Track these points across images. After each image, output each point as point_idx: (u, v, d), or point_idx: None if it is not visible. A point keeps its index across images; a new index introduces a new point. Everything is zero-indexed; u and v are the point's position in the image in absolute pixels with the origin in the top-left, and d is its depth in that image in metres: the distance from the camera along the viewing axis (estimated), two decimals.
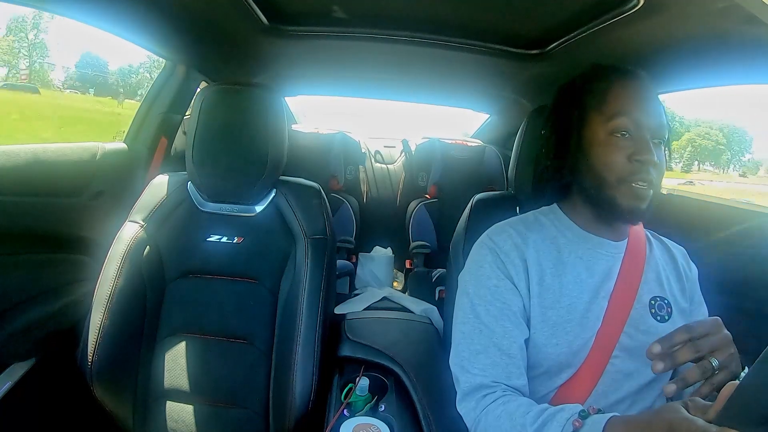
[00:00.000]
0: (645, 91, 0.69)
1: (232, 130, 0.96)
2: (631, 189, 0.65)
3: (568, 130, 0.72)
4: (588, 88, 0.72)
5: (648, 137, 0.66)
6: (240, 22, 1.13)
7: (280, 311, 0.96)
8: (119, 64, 2.18)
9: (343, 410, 0.83)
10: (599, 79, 0.71)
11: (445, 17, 1.13)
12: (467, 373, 0.67)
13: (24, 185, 0.97)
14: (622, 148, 0.66)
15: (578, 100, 0.72)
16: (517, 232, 0.73)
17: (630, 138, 0.66)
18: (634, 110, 0.66)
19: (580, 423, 0.53)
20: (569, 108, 0.73)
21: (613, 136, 0.67)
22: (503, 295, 0.69)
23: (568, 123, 0.72)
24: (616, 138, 0.66)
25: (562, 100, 0.75)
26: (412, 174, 2.51)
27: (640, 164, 0.65)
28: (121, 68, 7.83)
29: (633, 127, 0.66)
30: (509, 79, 1.53)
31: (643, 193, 0.65)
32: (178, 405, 0.95)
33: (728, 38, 0.78)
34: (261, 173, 0.96)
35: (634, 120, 0.66)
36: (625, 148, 0.66)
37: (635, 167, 0.65)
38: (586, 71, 0.74)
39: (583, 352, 0.67)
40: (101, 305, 0.91)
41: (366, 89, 2.12)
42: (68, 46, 4.39)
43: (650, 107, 0.68)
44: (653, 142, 0.66)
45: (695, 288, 0.78)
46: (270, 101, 0.98)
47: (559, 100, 0.76)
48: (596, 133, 0.68)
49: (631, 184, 0.65)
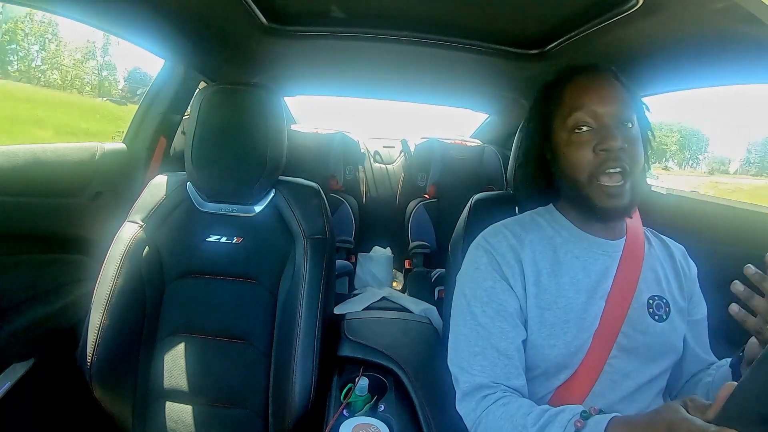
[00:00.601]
0: (600, 81, 0.68)
1: (232, 130, 0.96)
2: (601, 188, 0.65)
3: (536, 138, 0.74)
4: (546, 95, 0.73)
5: (611, 124, 0.65)
6: (239, 22, 1.13)
7: (280, 311, 0.96)
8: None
9: (342, 410, 0.83)
10: (556, 83, 0.72)
11: (445, 17, 1.13)
12: (467, 374, 0.67)
13: (24, 185, 0.97)
14: (586, 143, 0.66)
15: (541, 106, 0.74)
16: (512, 233, 0.73)
17: (591, 130, 0.66)
18: (590, 101, 0.66)
19: (582, 423, 0.53)
20: (534, 116, 0.75)
21: (574, 133, 0.67)
22: (499, 296, 0.69)
23: (535, 131, 0.74)
24: (577, 134, 0.67)
25: (532, 111, 0.77)
26: (411, 174, 2.51)
27: (606, 153, 0.64)
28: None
29: (591, 118, 0.66)
30: (508, 79, 1.53)
31: (615, 185, 0.65)
32: (177, 405, 0.95)
33: (727, 38, 0.78)
34: (260, 173, 0.97)
35: (591, 111, 0.66)
36: (589, 142, 0.66)
37: (601, 157, 0.65)
38: (548, 81, 0.75)
39: (580, 352, 0.67)
40: (101, 305, 0.91)
41: (365, 89, 2.12)
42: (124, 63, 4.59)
43: (606, 94, 0.67)
44: (618, 126, 0.65)
45: (694, 286, 0.78)
46: (269, 101, 0.98)
47: (530, 111, 0.78)
48: (559, 135, 0.69)
49: (601, 181, 0.65)
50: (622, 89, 0.69)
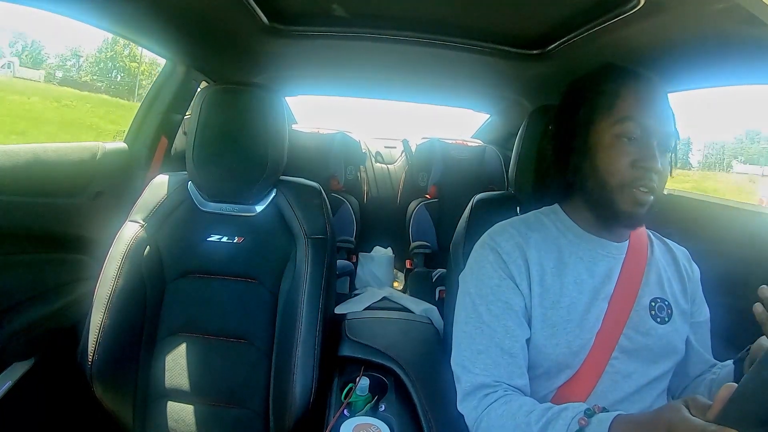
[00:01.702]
0: (656, 96, 0.67)
1: (233, 130, 0.96)
2: (632, 195, 0.65)
3: (574, 129, 0.71)
4: (598, 87, 0.70)
5: (654, 143, 0.65)
6: (240, 21, 1.13)
7: (280, 311, 0.96)
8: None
9: (343, 410, 0.83)
10: (610, 79, 0.69)
11: (446, 17, 1.13)
12: (469, 373, 0.67)
13: (24, 185, 0.96)
14: (627, 153, 0.65)
15: (587, 99, 0.71)
16: (518, 231, 0.73)
17: (636, 143, 0.65)
18: (643, 115, 0.65)
19: (585, 421, 0.53)
20: (577, 106, 0.72)
21: (619, 140, 0.66)
22: (505, 294, 0.69)
23: (575, 121, 0.71)
24: (622, 142, 0.65)
25: (571, 98, 0.74)
26: (412, 174, 2.51)
27: (644, 171, 0.64)
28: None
29: (640, 132, 0.65)
30: (510, 79, 1.53)
31: (644, 198, 0.65)
32: (178, 405, 0.95)
33: (728, 38, 0.78)
34: (261, 173, 0.97)
35: (642, 125, 0.65)
36: (630, 154, 0.65)
37: (638, 173, 0.64)
38: (597, 70, 0.73)
39: (582, 352, 0.67)
40: (101, 305, 0.91)
41: (366, 89, 2.12)
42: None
43: (660, 113, 0.66)
44: (659, 148, 0.65)
45: (697, 288, 0.77)
46: (270, 101, 0.98)
47: (568, 97, 0.75)
48: (602, 135, 0.67)
49: (633, 189, 0.65)
50: (670, 107, 0.68)
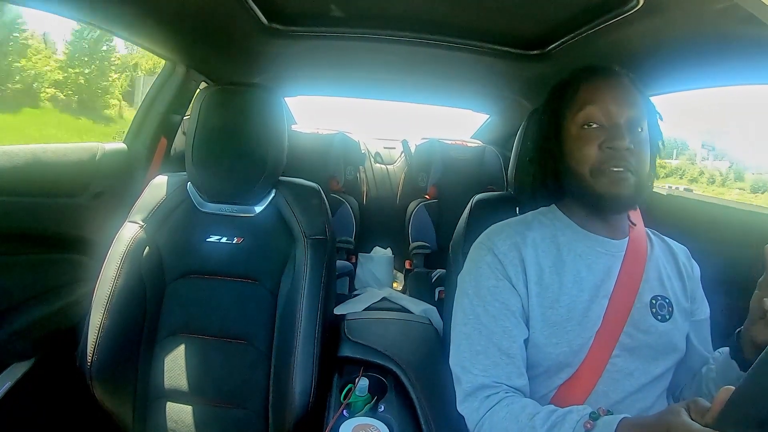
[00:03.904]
0: (615, 82, 0.69)
1: (232, 130, 0.96)
2: (605, 175, 0.66)
3: (547, 134, 0.74)
4: (561, 90, 0.73)
5: (621, 123, 0.66)
6: (240, 22, 1.13)
7: (280, 312, 0.96)
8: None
9: (342, 410, 0.83)
10: (571, 81, 0.73)
11: (446, 18, 1.13)
12: (469, 374, 0.67)
13: (24, 185, 0.97)
14: (593, 139, 0.67)
15: (554, 105, 0.74)
16: (516, 231, 0.74)
17: (601, 128, 0.67)
18: (603, 100, 0.67)
19: (591, 425, 0.53)
20: (546, 113, 0.75)
21: (584, 129, 0.68)
22: (502, 295, 0.69)
23: (546, 127, 0.74)
24: (586, 130, 0.67)
25: (542, 109, 0.78)
26: (411, 175, 2.51)
27: (612, 151, 0.65)
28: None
29: (603, 116, 0.67)
30: (509, 79, 1.53)
31: (619, 176, 0.65)
32: (177, 405, 0.95)
33: (728, 38, 0.78)
34: (260, 173, 0.97)
35: (604, 109, 0.67)
36: (596, 138, 0.66)
37: (606, 154, 0.66)
38: (562, 79, 0.76)
39: (583, 351, 0.67)
40: (101, 305, 0.91)
41: (366, 90, 2.12)
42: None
43: (621, 96, 0.68)
44: (629, 128, 0.66)
45: (697, 286, 0.78)
46: (270, 102, 0.98)
47: (540, 109, 0.79)
48: (569, 129, 0.70)
49: (605, 170, 0.66)
50: (637, 93, 0.70)
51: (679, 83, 1.05)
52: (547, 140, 0.74)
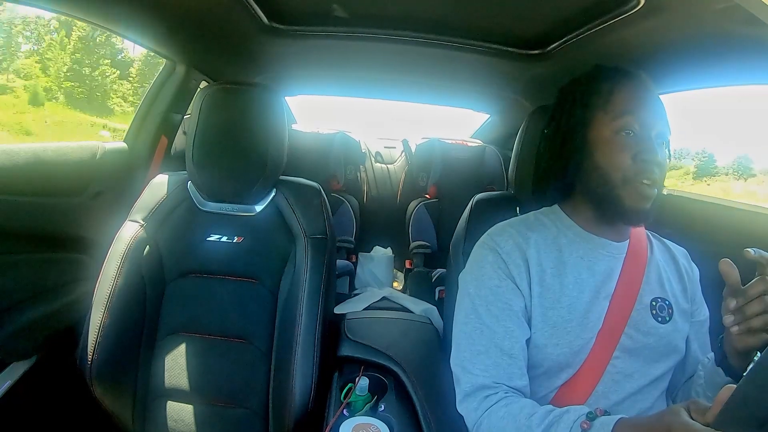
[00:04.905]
0: (648, 92, 0.69)
1: (233, 129, 0.96)
2: (636, 188, 0.66)
3: (572, 129, 0.72)
4: (593, 87, 0.72)
5: (652, 136, 0.66)
6: (240, 21, 1.13)
7: (280, 311, 0.96)
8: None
9: (342, 410, 0.83)
10: (604, 79, 0.71)
11: (446, 17, 1.13)
12: (469, 374, 0.67)
13: (24, 185, 0.97)
14: (628, 147, 0.66)
15: (583, 100, 0.72)
16: (518, 231, 0.73)
17: (635, 137, 0.67)
18: (640, 110, 0.67)
19: (588, 425, 0.53)
20: (573, 107, 0.73)
21: (619, 135, 0.67)
22: (504, 295, 0.69)
23: (572, 122, 0.72)
24: (622, 137, 0.67)
25: (566, 99, 0.75)
26: (412, 174, 2.51)
27: (645, 164, 0.65)
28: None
29: (638, 126, 0.67)
30: (510, 79, 1.53)
31: (648, 192, 0.66)
32: (177, 404, 0.95)
33: (728, 39, 0.78)
34: (261, 173, 0.96)
35: (640, 119, 0.67)
36: (630, 147, 0.66)
37: (640, 167, 0.65)
38: (590, 71, 0.75)
39: (583, 352, 0.67)
40: (101, 305, 0.91)
41: (366, 89, 2.12)
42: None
43: (654, 107, 0.68)
44: (657, 141, 0.67)
45: (696, 288, 0.78)
46: (270, 101, 0.98)
47: (563, 99, 0.76)
48: (601, 132, 0.69)
49: (636, 184, 0.66)
50: (663, 106, 0.70)
51: (680, 83, 1.05)
52: (573, 132, 0.72)
